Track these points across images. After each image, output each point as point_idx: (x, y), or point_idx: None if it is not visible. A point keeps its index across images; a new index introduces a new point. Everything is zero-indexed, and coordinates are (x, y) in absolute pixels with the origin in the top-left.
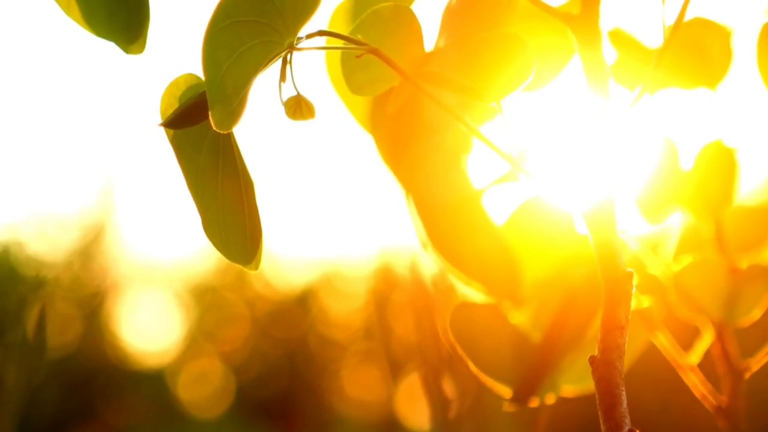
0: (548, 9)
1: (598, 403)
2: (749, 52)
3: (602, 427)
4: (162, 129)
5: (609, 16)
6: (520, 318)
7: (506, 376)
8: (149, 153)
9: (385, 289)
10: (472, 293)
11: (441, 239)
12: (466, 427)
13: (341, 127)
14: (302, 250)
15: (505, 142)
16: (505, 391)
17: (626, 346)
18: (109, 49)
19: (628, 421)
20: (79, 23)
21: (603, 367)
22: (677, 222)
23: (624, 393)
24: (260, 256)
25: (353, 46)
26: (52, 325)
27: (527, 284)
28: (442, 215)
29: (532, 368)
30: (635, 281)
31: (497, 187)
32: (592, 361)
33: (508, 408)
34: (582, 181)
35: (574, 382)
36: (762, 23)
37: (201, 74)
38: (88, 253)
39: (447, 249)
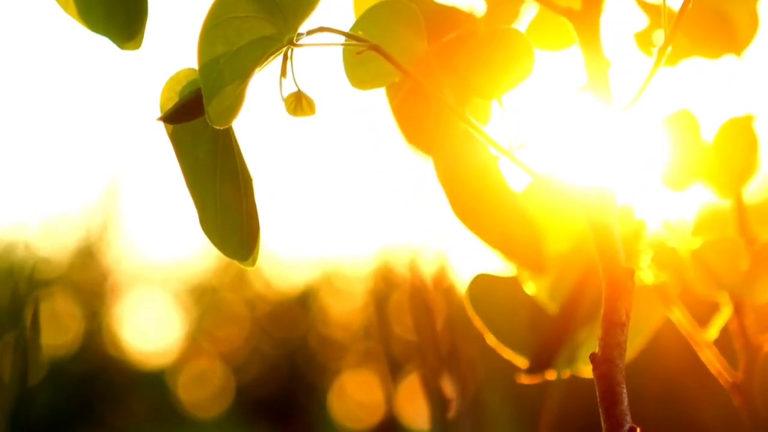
0: (550, 4)
1: (599, 400)
2: None
3: (603, 424)
4: (162, 125)
5: (610, 12)
6: (537, 289)
7: (523, 347)
8: (151, 153)
9: (385, 289)
10: (490, 265)
11: (463, 207)
12: (466, 427)
13: (341, 126)
14: (302, 250)
15: (506, 137)
16: (522, 362)
17: (643, 321)
18: (111, 46)
19: (629, 419)
20: (77, 20)
21: (604, 365)
22: (697, 197)
23: (625, 391)
24: (257, 252)
25: (354, 42)
26: (53, 324)
27: (549, 253)
28: (463, 184)
29: (549, 339)
30: (647, 258)
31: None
32: (593, 358)
33: (523, 380)
34: (583, 179)
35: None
36: None
37: None
38: (90, 252)
39: (470, 217)
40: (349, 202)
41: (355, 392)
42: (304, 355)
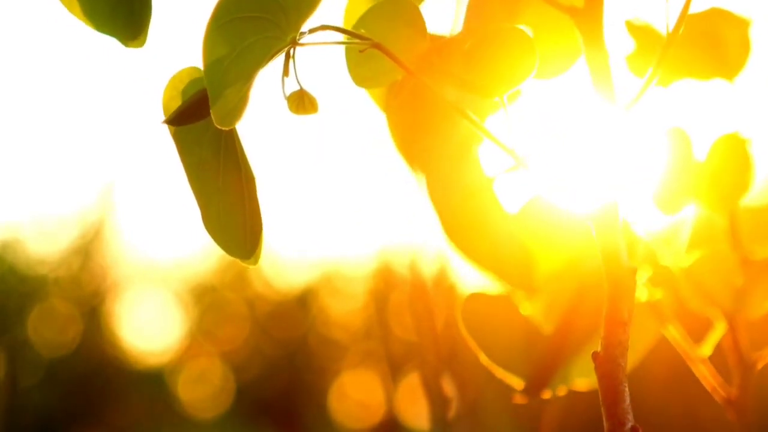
0: (553, 2)
1: (601, 399)
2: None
3: (605, 423)
4: (163, 124)
5: (613, 10)
6: (531, 309)
7: (518, 368)
8: (149, 152)
9: (385, 289)
10: (483, 284)
11: (454, 228)
12: (466, 427)
13: (342, 125)
14: (302, 250)
15: (510, 138)
16: (517, 383)
17: (638, 338)
18: (109, 46)
19: (630, 417)
20: (80, 18)
21: (606, 364)
22: (690, 214)
23: (627, 389)
24: (260, 251)
25: (356, 40)
26: (51, 324)
27: (541, 274)
28: (455, 204)
29: (545, 360)
30: (642, 276)
31: (509, 175)
32: (595, 357)
33: (519, 400)
34: (586, 177)
35: (587, 375)
36: None
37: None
38: (87, 252)
39: (461, 238)
40: (350, 203)
41: (355, 392)
42: (304, 356)
